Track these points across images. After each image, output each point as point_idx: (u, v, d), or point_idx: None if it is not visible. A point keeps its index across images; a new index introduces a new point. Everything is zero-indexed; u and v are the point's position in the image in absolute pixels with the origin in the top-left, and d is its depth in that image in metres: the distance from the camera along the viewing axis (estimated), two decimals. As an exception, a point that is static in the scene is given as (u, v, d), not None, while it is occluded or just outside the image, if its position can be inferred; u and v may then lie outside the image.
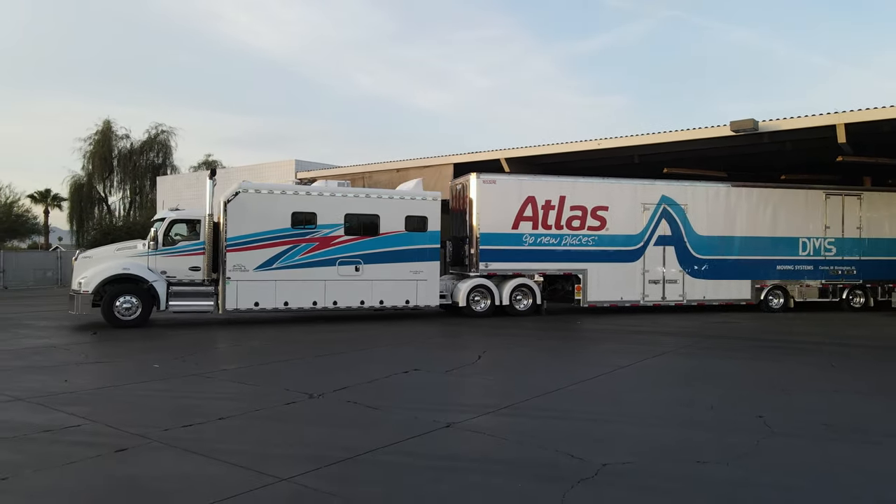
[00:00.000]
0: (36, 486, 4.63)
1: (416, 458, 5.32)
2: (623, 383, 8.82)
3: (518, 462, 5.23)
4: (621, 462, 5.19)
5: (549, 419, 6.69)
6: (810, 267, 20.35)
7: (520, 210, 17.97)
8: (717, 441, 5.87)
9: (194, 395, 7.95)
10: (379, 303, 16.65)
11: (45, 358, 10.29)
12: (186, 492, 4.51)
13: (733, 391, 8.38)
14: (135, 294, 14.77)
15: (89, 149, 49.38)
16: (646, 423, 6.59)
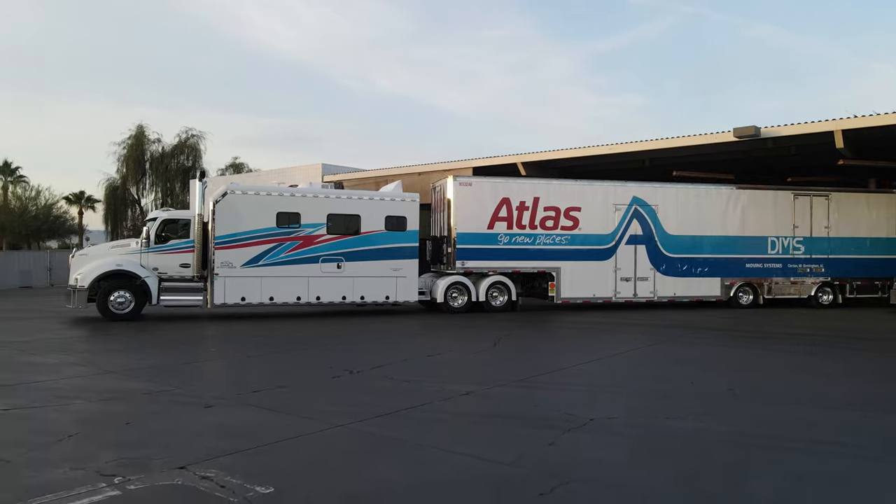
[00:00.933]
0: (154, 427, 5.99)
1: (443, 414, 6.59)
2: (615, 366, 9.90)
3: (524, 417, 6.48)
4: (605, 417, 6.43)
5: (550, 390, 7.90)
6: (779, 265, 20.86)
7: (495, 211, 18.55)
8: (688, 406, 7.06)
9: (253, 371, 9.36)
10: (360, 298, 17.27)
11: (116, 342, 11.81)
12: (265, 433, 5.80)
13: (712, 371, 9.56)
14: (128, 289, 15.47)
15: (123, 153, 51.28)
16: (631, 394, 7.75)
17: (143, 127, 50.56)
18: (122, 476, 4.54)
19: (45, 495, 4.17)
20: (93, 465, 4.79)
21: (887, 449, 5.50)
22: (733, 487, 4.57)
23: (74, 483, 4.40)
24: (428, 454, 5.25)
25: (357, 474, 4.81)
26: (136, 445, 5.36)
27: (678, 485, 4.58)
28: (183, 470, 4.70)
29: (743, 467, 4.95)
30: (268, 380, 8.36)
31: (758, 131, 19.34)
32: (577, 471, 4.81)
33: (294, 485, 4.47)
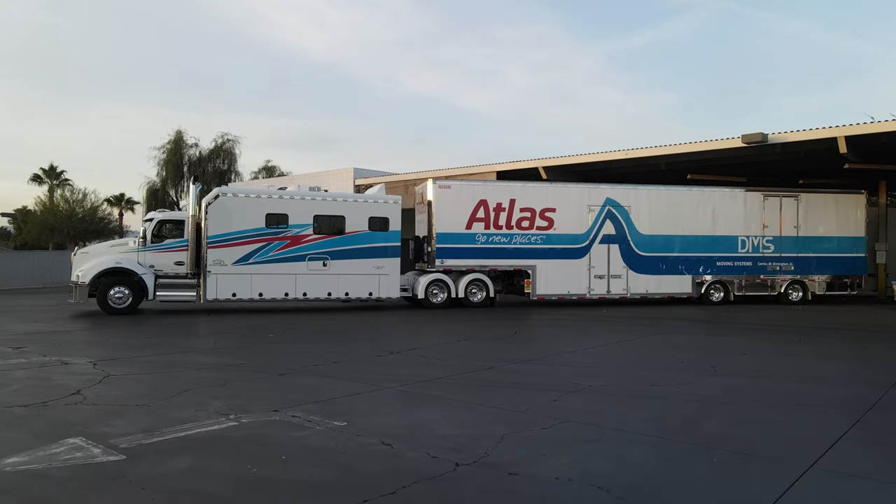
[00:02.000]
0: (245, 388, 7.61)
1: (471, 381, 8.16)
2: (615, 349, 11.43)
3: (536, 384, 7.94)
4: (601, 385, 7.93)
5: (559, 366, 9.44)
6: (749, 263, 21.68)
7: (472, 212, 19.45)
8: (673, 378, 8.52)
9: (309, 351, 11.01)
10: (345, 294, 18.15)
11: (180, 331, 13.63)
12: (332, 391, 7.37)
13: (700, 354, 11.11)
14: (126, 285, 16.38)
15: (163, 157, 53.72)
16: (627, 370, 9.24)
17: (181, 132, 52.99)
18: (233, 415, 6.18)
19: (186, 423, 5.82)
20: (210, 408, 6.44)
21: (824, 407, 6.91)
22: (686, 425, 6.05)
23: (202, 417, 6.06)
24: (459, 405, 6.81)
25: (405, 415, 6.40)
26: (236, 397, 7.01)
27: (646, 423, 6.07)
28: (276, 412, 6.32)
29: (699, 416, 6.43)
30: (323, 357, 10.01)
31: (765, 138, 20.49)
32: (572, 416, 6.31)
33: (360, 420, 6.05)
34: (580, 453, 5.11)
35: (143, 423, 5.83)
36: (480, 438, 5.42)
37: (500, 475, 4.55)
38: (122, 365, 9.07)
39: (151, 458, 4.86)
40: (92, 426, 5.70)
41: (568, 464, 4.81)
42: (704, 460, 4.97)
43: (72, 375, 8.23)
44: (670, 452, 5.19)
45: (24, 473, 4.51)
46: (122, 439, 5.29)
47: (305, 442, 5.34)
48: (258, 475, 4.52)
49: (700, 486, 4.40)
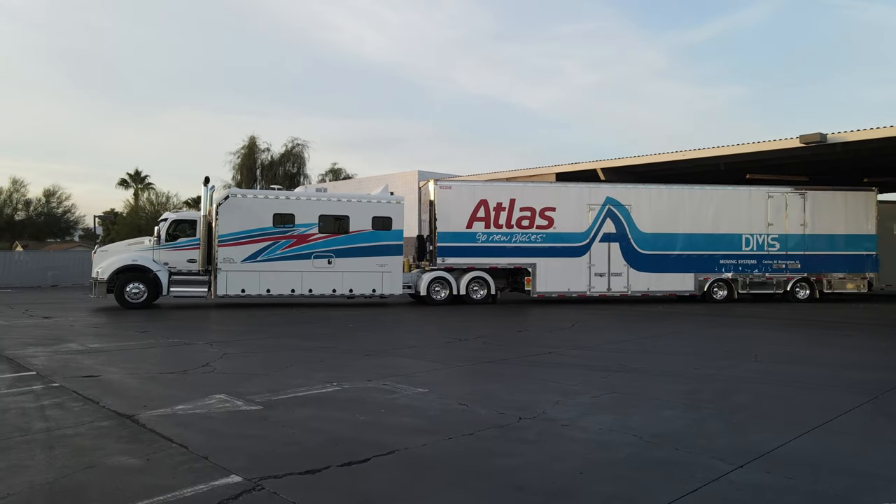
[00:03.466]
0: (366, 365, 8.91)
1: (531, 363, 9.34)
2: (663, 340, 12.32)
3: (588, 366, 9.00)
4: (647, 367, 8.94)
5: (612, 353, 10.44)
6: (753, 261, 21.70)
7: (473, 211, 20.10)
8: (714, 363, 9.45)
9: (386, 338, 12.50)
10: (349, 291, 19.00)
11: (263, 325, 15.32)
12: (412, 368, 8.66)
13: (744, 344, 12.09)
14: (142, 282, 17.46)
15: (237, 161, 56.91)
16: (672, 356, 10.15)
17: (254, 138, 56.06)
18: (336, 382, 7.59)
19: (298, 388, 7.26)
20: (315, 378, 7.88)
21: (846, 389, 7.77)
22: (715, 397, 7.06)
23: (311, 383, 7.49)
24: (520, 380, 8.02)
25: (476, 386, 7.67)
26: (334, 371, 8.43)
27: (681, 395, 7.11)
28: (370, 381, 7.69)
29: (729, 391, 7.41)
30: (399, 342, 11.42)
31: (823, 138, 20.74)
32: (617, 389, 7.42)
33: (438, 389, 7.34)
34: (621, 414, 6.23)
35: (267, 386, 7.30)
36: (539, 402, 6.62)
37: (554, 426, 5.74)
38: (233, 346, 10.71)
39: (282, 408, 6.29)
40: (228, 387, 7.20)
41: (610, 420, 5.95)
42: (723, 420, 6.01)
43: (197, 353, 9.90)
44: (696, 415, 6.25)
45: (193, 415, 6.01)
46: (255, 396, 6.76)
47: (397, 402, 6.67)
48: (365, 420, 5.87)
49: (713, 436, 5.45)
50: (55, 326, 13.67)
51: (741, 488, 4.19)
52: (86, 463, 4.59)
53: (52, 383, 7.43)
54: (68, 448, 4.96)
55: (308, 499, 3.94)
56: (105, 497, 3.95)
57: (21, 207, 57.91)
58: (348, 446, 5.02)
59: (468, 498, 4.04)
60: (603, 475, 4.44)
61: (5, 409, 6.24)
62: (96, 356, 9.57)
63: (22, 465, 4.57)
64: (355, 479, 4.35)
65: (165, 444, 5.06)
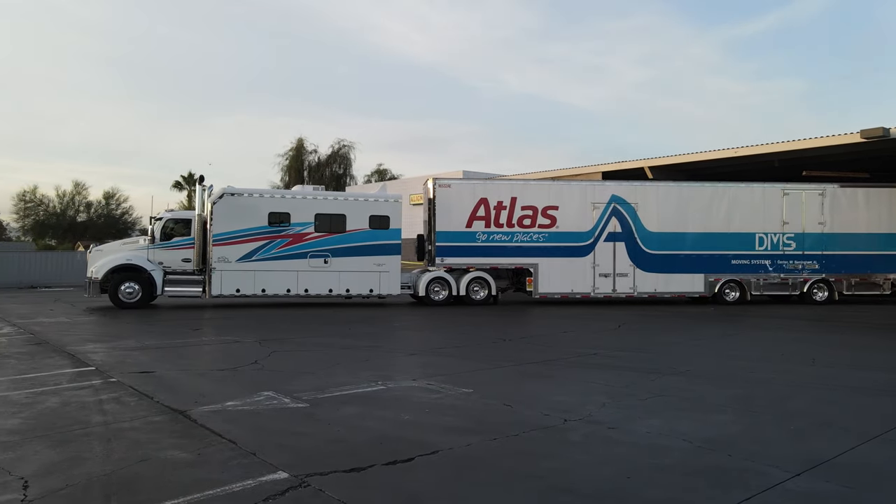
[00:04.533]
0: (385, 363, 9.04)
1: (577, 364, 9.22)
2: (714, 342, 11.93)
3: (635, 368, 8.70)
4: (699, 369, 8.63)
5: (661, 354, 10.03)
6: (767, 261, 20.62)
7: (473, 210, 19.60)
8: (770, 366, 9.13)
9: (432, 337, 12.62)
10: (346, 291, 18.70)
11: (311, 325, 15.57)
12: (457, 367, 8.65)
13: (801, 346, 11.83)
14: (136, 281, 17.30)
15: (286, 163, 58.09)
16: (725, 358, 9.65)
17: (302, 140, 57.12)
18: (381, 382, 7.63)
19: (344, 386, 7.33)
20: (361, 376, 7.94)
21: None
22: (772, 402, 6.81)
23: (357, 382, 7.56)
24: (566, 382, 7.91)
25: (521, 386, 7.60)
26: (379, 370, 8.49)
27: (735, 399, 6.88)
28: (414, 381, 7.71)
29: (786, 396, 7.14)
30: (443, 342, 11.41)
31: (887, 132, 19.78)
32: (667, 392, 7.23)
33: (483, 389, 7.29)
34: (670, 418, 6.07)
35: (314, 384, 7.40)
36: (585, 404, 6.51)
37: (600, 428, 5.63)
38: (281, 344, 10.91)
39: (328, 406, 6.36)
40: (276, 385, 7.33)
41: (658, 424, 5.80)
42: (779, 426, 5.79)
43: (247, 350, 10.12)
44: (750, 420, 6.04)
45: (242, 412, 6.14)
46: (302, 394, 6.86)
47: (442, 401, 6.66)
48: (409, 419, 5.89)
49: (768, 443, 5.25)
50: (113, 323, 14.19)
51: (798, 498, 4.02)
52: (140, 456, 4.74)
53: (109, 378, 7.71)
54: (124, 441, 5.13)
55: (353, 497, 3.97)
56: (158, 490, 4.06)
57: (83, 209, 60.36)
58: (393, 445, 5.04)
59: (514, 499, 4.00)
60: (651, 480, 4.33)
61: (67, 402, 6.50)
62: (152, 353, 9.88)
63: (81, 456, 4.75)
64: (400, 478, 4.36)
65: (215, 439, 5.18)
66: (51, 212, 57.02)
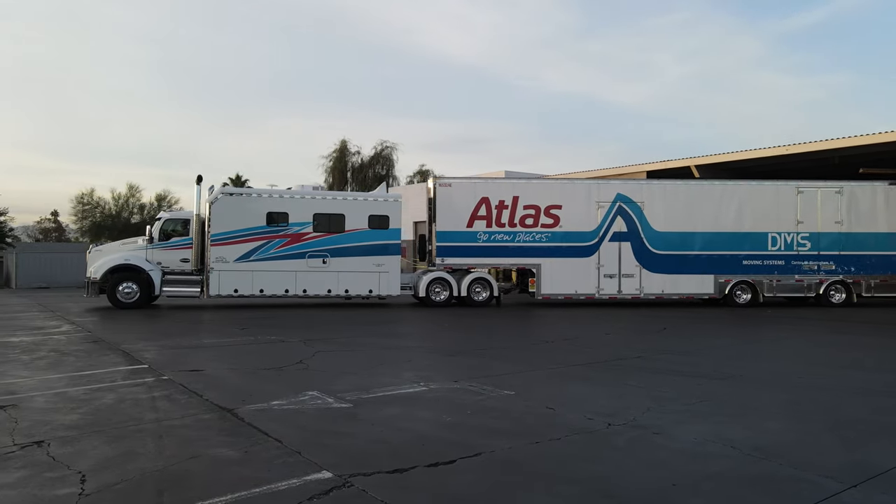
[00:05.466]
0: (456, 364, 9.11)
1: (620, 367, 9.06)
2: (764, 346, 11.65)
3: (682, 372, 8.42)
4: (747, 374, 8.37)
5: (707, 358, 9.83)
6: (781, 262, 19.84)
7: (474, 210, 19.35)
8: (820, 371, 8.84)
9: (472, 338, 12.60)
10: (345, 291, 18.60)
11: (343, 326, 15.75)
12: (499, 369, 8.68)
13: (851, 350, 11.12)
14: (134, 281, 17.41)
15: (329, 164, 58.89)
16: (774, 362, 9.35)
17: (345, 141, 57.81)
18: (423, 383, 7.67)
19: (386, 387, 7.39)
20: (403, 377, 8.00)
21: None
22: (824, 409, 6.57)
23: (400, 383, 7.62)
24: (610, 385, 7.80)
25: (563, 389, 7.53)
26: (421, 370, 8.54)
27: (785, 405, 6.67)
28: (456, 382, 7.72)
29: (838, 403, 6.88)
30: (484, 343, 11.39)
31: (952, 127, 18.88)
32: (714, 397, 7.05)
33: (525, 391, 7.25)
34: (717, 423, 5.92)
35: (357, 384, 7.49)
36: (629, 409, 6.41)
37: (645, 434, 5.54)
38: (325, 344, 11.08)
39: (371, 406, 6.43)
40: (321, 385, 7.44)
41: (705, 430, 5.67)
42: (834, 435, 5.58)
43: (292, 350, 10.31)
44: (802, 427, 5.84)
45: (288, 411, 6.26)
46: (346, 394, 6.95)
47: (483, 403, 6.65)
48: (451, 421, 5.90)
49: (822, 452, 5.08)
50: (163, 323, 14.65)
51: (854, 510, 3.88)
52: (190, 453, 4.88)
53: (161, 376, 7.96)
54: (175, 438, 5.29)
55: (396, 498, 4.00)
56: (207, 487, 4.18)
57: (136, 211, 62.40)
58: (434, 446, 5.07)
59: (557, 503, 3.97)
60: (698, 488, 4.24)
61: (121, 399, 6.74)
62: (201, 351, 10.17)
63: (135, 452, 4.92)
64: (441, 480, 4.38)
65: (262, 437, 5.29)
66: (106, 213, 59.12)
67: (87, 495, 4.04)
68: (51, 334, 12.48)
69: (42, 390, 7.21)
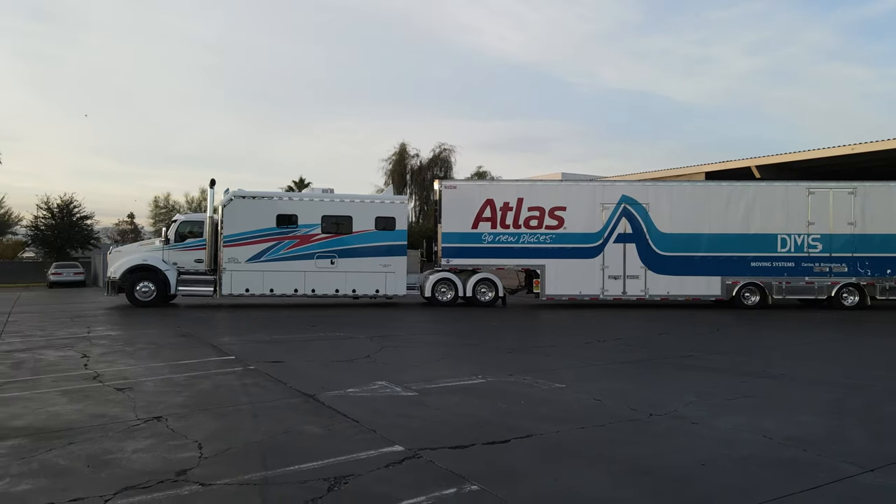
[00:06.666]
0: (481, 360, 9.82)
1: (669, 365, 9.49)
2: (817, 347, 11.78)
3: (728, 371, 8.82)
4: (793, 374, 8.63)
5: (756, 358, 10.11)
6: (791, 264, 19.38)
7: (479, 212, 19.65)
8: (867, 372, 8.96)
9: (525, 336, 13.29)
10: (352, 291, 19.19)
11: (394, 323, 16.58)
12: (551, 364, 9.24)
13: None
14: (152, 281, 18.44)
15: (389, 167, 60.35)
16: (823, 363, 9.65)
17: (404, 145, 59.16)
18: (480, 375, 8.37)
19: (449, 378, 8.13)
20: (462, 371, 8.72)
21: None
22: (863, 407, 6.91)
23: (459, 375, 8.34)
24: (656, 381, 8.31)
25: (611, 384, 8.07)
26: (479, 365, 9.23)
27: (825, 403, 7.03)
28: (511, 376, 8.38)
29: (880, 401, 7.18)
30: (539, 341, 12.01)
31: None
32: (756, 393, 7.46)
33: (574, 384, 7.85)
34: (755, 416, 6.37)
35: (421, 376, 8.26)
36: (671, 401, 6.93)
37: (684, 423, 6.07)
38: (390, 340, 11.94)
39: (434, 395, 7.18)
40: (388, 376, 8.25)
41: (742, 421, 6.14)
42: (865, 429, 5.96)
43: (359, 346, 11.20)
44: (836, 422, 6.24)
45: (361, 397, 7.08)
46: (411, 384, 7.72)
47: (535, 394, 7.30)
48: (506, 409, 6.58)
49: (850, 442, 5.49)
50: (242, 320, 15.88)
51: (864, 488, 4.35)
52: (283, 429, 5.74)
53: (248, 366, 8.96)
54: (268, 417, 6.18)
55: (458, 467, 4.71)
56: (301, 455, 5.00)
57: (207, 213, 65.59)
58: (491, 429, 5.76)
59: (596, 477, 4.60)
60: (724, 468, 4.78)
61: (218, 385, 7.73)
62: (278, 345, 11.19)
63: (237, 427, 5.82)
64: (497, 455, 5.07)
65: (341, 418, 6.12)
66: (180, 216, 62.33)
67: (205, 458, 4.93)
68: (144, 328, 13.85)
69: (149, 376, 8.31)
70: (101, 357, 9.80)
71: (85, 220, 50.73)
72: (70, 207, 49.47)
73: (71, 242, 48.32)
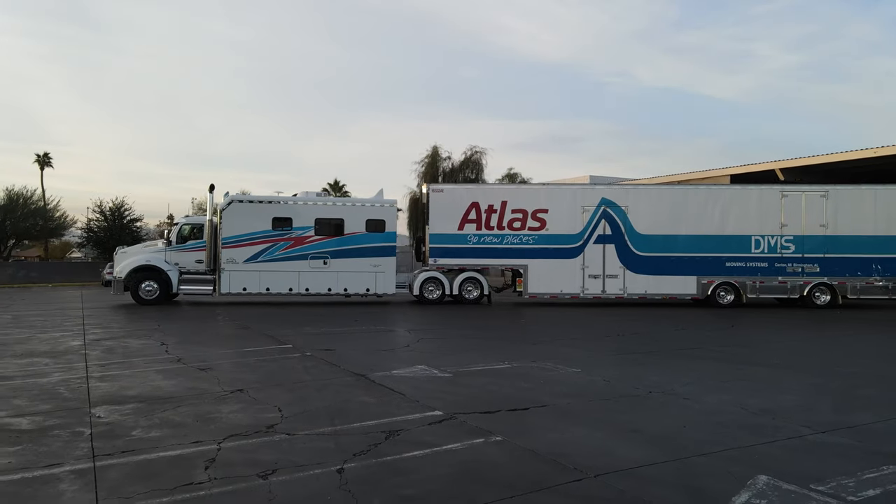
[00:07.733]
0: (508, 351, 10.92)
1: (678, 355, 10.51)
2: (819, 342, 12.57)
3: (730, 360, 9.87)
4: (788, 363, 9.64)
5: (758, 351, 11.10)
6: (764, 264, 20.00)
7: (465, 214, 20.58)
8: (856, 361, 9.89)
9: (548, 331, 14.33)
10: (344, 290, 20.26)
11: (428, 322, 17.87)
12: (571, 353, 10.38)
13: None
14: (155, 280, 19.58)
15: (421, 169, 61.77)
16: (817, 356, 10.63)
17: (437, 147, 60.51)
18: (506, 361, 9.58)
19: (478, 364, 9.36)
20: (489, 358, 9.93)
21: None
22: (842, 388, 7.91)
23: (487, 362, 9.56)
24: (663, 368, 9.39)
25: (621, 370, 9.21)
26: (505, 353, 10.43)
27: (809, 386, 8.06)
28: (534, 362, 9.57)
29: (859, 384, 8.16)
30: (562, 335, 13.15)
31: None
32: (749, 378, 8.50)
33: (589, 369, 9.00)
34: (740, 395, 7.44)
35: (454, 362, 9.51)
36: (671, 383, 8.03)
37: (677, 398, 7.19)
38: (426, 332, 13.23)
39: (466, 377, 8.42)
40: (426, 361, 9.50)
41: (727, 398, 7.23)
42: (833, 404, 7.01)
43: (399, 337, 12.56)
44: (812, 399, 7.28)
45: (404, 377, 8.35)
46: (446, 368, 8.97)
47: (555, 377, 8.49)
48: (527, 387, 7.79)
49: (815, 413, 6.55)
50: (291, 316, 17.36)
51: (809, 444, 5.44)
52: (343, 399, 7.05)
53: (305, 353, 10.33)
54: (329, 391, 7.49)
55: (487, 426, 5.93)
56: (360, 416, 6.28)
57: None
58: (514, 401, 6.97)
59: (595, 433, 5.78)
60: (700, 428, 5.91)
61: (283, 367, 9.11)
62: (328, 336, 12.56)
63: (305, 397, 7.15)
64: (518, 418, 6.28)
65: (389, 392, 7.40)
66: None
67: (286, 417, 6.25)
68: (206, 321, 15.41)
69: (224, 359, 9.74)
70: (178, 345, 11.30)
71: (135, 223, 53.34)
72: (121, 210, 52.10)
73: (122, 243, 50.88)
